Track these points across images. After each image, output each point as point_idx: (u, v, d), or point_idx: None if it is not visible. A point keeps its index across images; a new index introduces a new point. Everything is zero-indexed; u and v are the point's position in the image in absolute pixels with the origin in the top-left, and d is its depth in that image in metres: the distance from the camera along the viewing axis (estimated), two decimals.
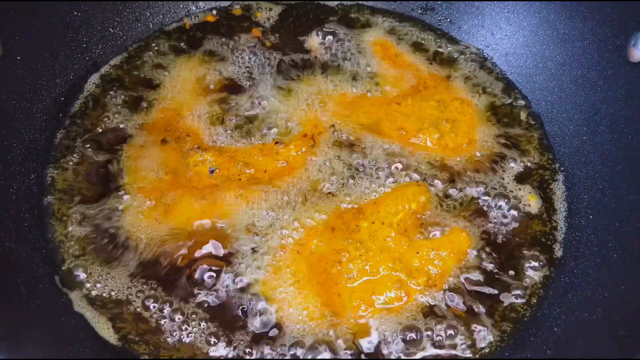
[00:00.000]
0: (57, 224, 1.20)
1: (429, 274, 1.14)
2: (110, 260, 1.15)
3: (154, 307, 1.10)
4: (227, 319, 1.10)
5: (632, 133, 1.21)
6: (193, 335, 1.08)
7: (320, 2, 1.59)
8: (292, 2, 1.59)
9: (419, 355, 1.07)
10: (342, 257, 1.14)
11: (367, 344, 1.08)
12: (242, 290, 1.12)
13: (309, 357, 1.06)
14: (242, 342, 1.07)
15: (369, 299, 1.11)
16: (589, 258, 1.17)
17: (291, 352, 1.06)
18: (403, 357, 1.07)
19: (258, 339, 1.08)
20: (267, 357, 1.06)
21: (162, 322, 1.09)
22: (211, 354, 1.06)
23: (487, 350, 1.09)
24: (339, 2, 1.59)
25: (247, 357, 1.06)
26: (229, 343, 1.07)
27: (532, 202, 1.26)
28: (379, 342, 1.08)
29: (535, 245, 1.22)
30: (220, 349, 1.07)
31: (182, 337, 1.08)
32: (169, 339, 1.08)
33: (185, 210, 1.20)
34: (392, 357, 1.07)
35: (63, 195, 1.23)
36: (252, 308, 1.10)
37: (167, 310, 1.10)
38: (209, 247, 1.17)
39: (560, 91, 1.38)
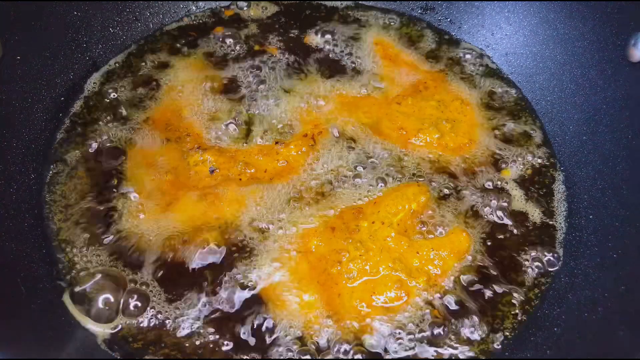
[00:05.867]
0: (57, 224, 1.20)
1: (429, 274, 1.14)
2: (110, 260, 1.15)
3: (155, 306, 1.10)
4: (226, 318, 1.10)
5: (632, 133, 1.21)
6: (191, 334, 1.08)
7: (320, 2, 1.59)
8: (292, 1, 1.59)
9: (419, 355, 1.07)
10: (342, 257, 1.14)
11: (366, 344, 1.08)
12: (242, 289, 1.12)
13: (309, 357, 1.06)
14: (241, 342, 1.07)
15: (369, 299, 1.11)
16: (589, 258, 1.17)
17: (291, 352, 1.06)
18: (403, 356, 1.07)
19: (257, 338, 1.08)
20: (267, 357, 1.06)
21: (162, 321, 1.09)
22: (209, 353, 1.06)
23: (487, 350, 1.09)
24: (338, 2, 1.59)
25: (246, 357, 1.06)
26: (227, 342, 1.07)
27: (511, 177, 1.29)
28: (379, 342, 1.08)
29: (535, 245, 1.22)
30: (218, 348, 1.07)
31: (180, 336, 1.08)
32: (167, 338, 1.08)
33: (185, 210, 1.20)
34: (392, 357, 1.07)
35: (63, 195, 1.23)
36: (251, 307, 1.10)
37: (165, 309, 1.10)
38: (209, 247, 1.17)
39: (560, 91, 1.39)
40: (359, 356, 1.07)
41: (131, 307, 1.10)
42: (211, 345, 1.07)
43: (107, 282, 1.12)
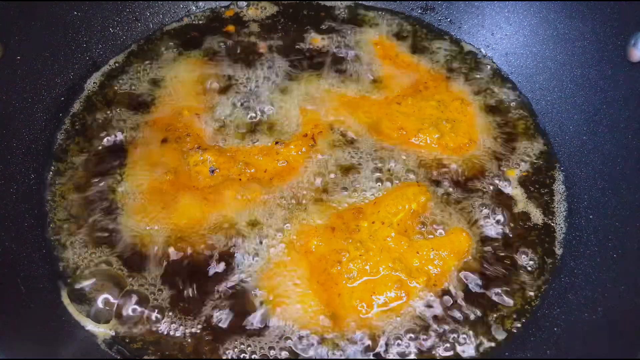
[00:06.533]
0: (57, 224, 1.20)
1: (429, 273, 1.14)
2: (110, 260, 1.15)
3: (155, 306, 1.10)
4: (226, 318, 1.09)
5: (632, 133, 1.21)
6: (191, 334, 1.08)
7: (320, 2, 1.59)
8: (292, 1, 1.59)
9: (419, 355, 1.07)
10: (342, 257, 1.14)
11: (366, 344, 1.08)
12: (242, 289, 1.12)
13: (308, 357, 1.06)
14: (240, 342, 1.07)
15: (369, 299, 1.11)
16: (589, 258, 1.17)
17: (290, 352, 1.06)
18: (402, 357, 1.07)
19: (257, 338, 1.08)
20: (266, 357, 1.06)
21: (162, 321, 1.09)
22: (209, 352, 1.06)
23: (487, 350, 1.09)
24: (338, 2, 1.59)
25: (246, 357, 1.06)
26: (227, 342, 1.07)
27: (512, 177, 1.29)
28: (379, 342, 1.08)
29: (535, 245, 1.22)
30: (218, 348, 1.07)
31: (180, 336, 1.08)
32: (167, 338, 1.08)
33: (185, 210, 1.20)
34: (392, 357, 1.07)
35: (63, 195, 1.23)
36: (251, 308, 1.10)
37: (166, 309, 1.10)
38: (209, 247, 1.17)
39: (560, 91, 1.39)
40: (358, 356, 1.07)
41: (131, 307, 1.10)
42: (211, 345, 1.07)
43: (107, 282, 1.12)
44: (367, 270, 1.13)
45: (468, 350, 1.09)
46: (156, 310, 1.10)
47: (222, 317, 1.10)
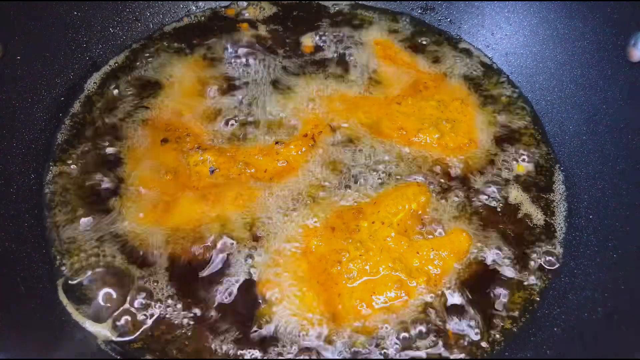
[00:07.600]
0: (57, 223, 1.20)
1: (429, 274, 1.14)
2: (110, 260, 1.15)
3: (155, 306, 1.10)
4: (226, 318, 1.10)
5: (632, 133, 1.21)
6: (191, 334, 1.08)
7: (320, 2, 1.59)
8: (292, 1, 1.59)
9: (419, 355, 1.07)
10: (342, 257, 1.14)
11: (366, 344, 1.08)
12: (242, 289, 1.12)
13: (309, 357, 1.06)
14: (240, 342, 1.07)
15: (369, 299, 1.11)
16: (589, 258, 1.17)
17: (290, 352, 1.06)
18: (402, 357, 1.07)
19: (257, 337, 1.08)
20: (266, 357, 1.06)
21: (162, 321, 1.09)
22: (209, 353, 1.06)
23: (487, 350, 1.10)
24: (338, 2, 1.59)
25: (246, 357, 1.06)
26: (227, 342, 1.07)
27: (521, 172, 1.30)
28: (379, 342, 1.08)
29: (535, 245, 1.22)
30: (219, 348, 1.07)
31: (181, 336, 1.08)
32: (167, 338, 1.08)
33: (185, 211, 1.20)
34: (392, 357, 1.07)
35: (63, 196, 1.23)
36: (251, 307, 1.10)
37: (166, 308, 1.10)
38: (209, 247, 1.17)
39: (560, 91, 1.39)
40: (358, 356, 1.07)
41: (131, 307, 1.10)
42: (211, 345, 1.07)
43: (107, 282, 1.12)
44: (367, 270, 1.13)
45: (468, 350, 1.09)
46: (156, 310, 1.10)
47: (222, 317, 1.10)
